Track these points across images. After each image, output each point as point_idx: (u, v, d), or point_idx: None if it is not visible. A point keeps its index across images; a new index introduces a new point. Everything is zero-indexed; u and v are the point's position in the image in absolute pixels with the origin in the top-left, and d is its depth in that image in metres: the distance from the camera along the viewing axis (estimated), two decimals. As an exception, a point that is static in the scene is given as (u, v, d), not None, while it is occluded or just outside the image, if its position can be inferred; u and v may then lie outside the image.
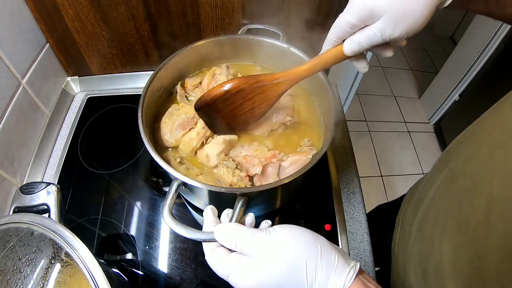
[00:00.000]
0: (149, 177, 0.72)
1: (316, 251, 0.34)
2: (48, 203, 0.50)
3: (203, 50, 0.66)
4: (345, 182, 0.73)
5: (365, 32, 0.39)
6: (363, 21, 0.38)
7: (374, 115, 2.27)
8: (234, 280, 0.35)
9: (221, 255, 0.37)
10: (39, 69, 0.75)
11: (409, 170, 2.01)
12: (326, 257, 0.34)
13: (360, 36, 0.39)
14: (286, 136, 0.63)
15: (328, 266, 0.33)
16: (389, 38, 0.38)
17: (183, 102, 0.64)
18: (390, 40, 0.38)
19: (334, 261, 0.34)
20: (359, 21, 0.38)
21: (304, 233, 0.36)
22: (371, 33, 0.38)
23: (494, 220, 0.33)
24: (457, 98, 1.92)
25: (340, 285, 0.32)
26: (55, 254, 0.39)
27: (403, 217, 0.62)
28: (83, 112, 0.84)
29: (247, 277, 0.35)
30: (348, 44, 0.41)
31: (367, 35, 0.39)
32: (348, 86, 1.58)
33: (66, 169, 0.73)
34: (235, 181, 0.53)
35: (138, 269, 0.60)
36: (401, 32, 0.37)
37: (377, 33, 0.38)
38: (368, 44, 0.39)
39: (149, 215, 0.67)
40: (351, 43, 0.41)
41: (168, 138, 0.59)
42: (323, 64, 0.45)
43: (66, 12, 0.72)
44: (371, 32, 0.38)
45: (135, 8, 0.74)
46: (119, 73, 0.90)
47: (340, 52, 0.42)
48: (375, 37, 0.38)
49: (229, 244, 0.37)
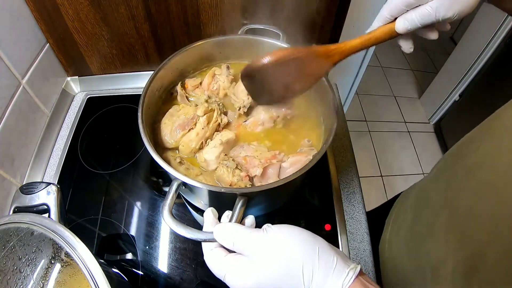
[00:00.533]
0: (149, 177, 0.72)
1: (313, 252, 0.34)
2: (48, 203, 0.50)
3: (203, 50, 0.66)
4: (345, 182, 0.73)
5: (420, 11, 0.40)
6: (417, 0, 0.40)
7: (374, 115, 2.27)
8: (231, 281, 0.35)
9: (219, 255, 0.37)
10: (39, 69, 0.75)
11: (409, 170, 2.01)
12: (324, 258, 0.33)
13: (414, 14, 0.40)
14: (286, 136, 0.63)
15: (326, 267, 0.33)
16: (442, 17, 0.39)
17: (184, 103, 0.64)
18: (442, 19, 0.40)
19: (333, 262, 0.33)
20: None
21: (303, 234, 0.36)
22: (425, 12, 0.39)
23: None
24: (457, 98, 1.92)
25: (339, 286, 0.32)
26: (55, 254, 0.39)
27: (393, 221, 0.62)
28: (83, 112, 0.84)
29: (244, 277, 0.34)
30: (402, 22, 0.42)
31: (422, 14, 0.40)
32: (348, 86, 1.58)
33: (66, 169, 0.73)
34: (235, 181, 0.53)
35: (138, 269, 0.60)
36: (454, 12, 0.38)
37: (431, 12, 0.39)
38: (421, 22, 0.40)
39: (149, 215, 0.67)
40: (404, 21, 0.42)
41: (168, 139, 0.59)
42: (374, 39, 0.46)
43: (66, 12, 0.72)
44: (426, 11, 0.39)
45: (135, 8, 0.74)
46: (119, 73, 0.90)
47: (391, 29, 0.43)
48: (429, 16, 0.40)
49: (227, 243, 0.37)
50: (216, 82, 0.67)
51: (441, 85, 2.09)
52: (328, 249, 0.34)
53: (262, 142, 0.61)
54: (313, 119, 0.65)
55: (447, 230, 0.44)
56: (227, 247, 0.38)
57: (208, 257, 0.38)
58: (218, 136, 0.59)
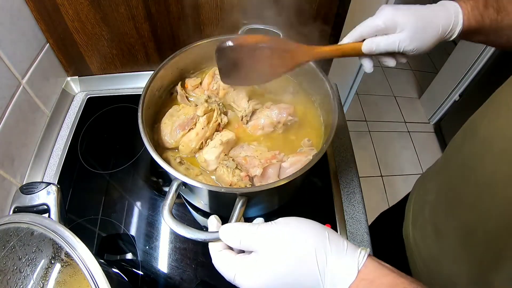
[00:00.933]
0: (149, 177, 0.72)
1: (324, 237, 0.34)
2: (48, 203, 0.50)
3: (203, 50, 0.66)
4: (345, 182, 0.73)
5: (387, 38, 0.46)
6: (388, 29, 0.46)
7: (374, 115, 2.26)
8: (241, 281, 0.34)
9: (227, 256, 0.37)
10: (39, 69, 0.75)
11: (409, 170, 2.01)
12: (334, 242, 0.33)
13: (381, 39, 0.47)
14: (285, 136, 0.63)
15: (337, 250, 0.33)
16: (403, 49, 0.46)
17: (184, 103, 0.64)
18: (402, 51, 0.46)
19: (343, 245, 0.33)
20: (385, 27, 0.46)
21: (310, 222, 0.36)
22: (391, 40, 0.46)
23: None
24: (457, 98, 1.92)
25: (354, 264, 0.32)
26: (55, 254, 0.39)
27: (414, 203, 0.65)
28: (83, 112, 0.84)
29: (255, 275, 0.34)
30: (369, 43, 0.47)
31: (388, 41, 0.46)
32: (348, 86, 1.58)
33: (66, 169, 0.73)
34: (235, 181, 0.53)
35: (138, 269, 0.60)
36: (414, 48, 0.46)
37: (396, 41, 0.46)
38: (385, 48, 0.47)
39: (149, 215, 0.67)
40: (371, 43, 0.47)
41: (168, 139, 0.59)
42: (341, 52, 0.51)
43: (66, 12, 0.72)
44: (392, 40, 0.46)
45: (135, 8, 0.74)
46: (119, 73, 0.90)
47: (358, 47, 0.49)
48: (393, 44, 0.46)
49: (234, 242, 0.37)
50: (216, 82, 0.67)
51: (441, 85, 2.08)
52: (337, 235, 0.35)
53: (262, 143, 0.61)
54: (313, 119, 0.65)
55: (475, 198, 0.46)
56: (234, 246, 0.37)
57: (216, 259, 0.38)
58: (218, 136, 0.59)
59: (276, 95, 0.67)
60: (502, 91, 0.46)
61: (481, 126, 0.47)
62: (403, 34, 0.45)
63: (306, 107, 0.66)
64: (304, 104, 0.67)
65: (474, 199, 0.46)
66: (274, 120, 0.61)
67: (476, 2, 0.46)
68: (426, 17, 0.46)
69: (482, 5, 0.46)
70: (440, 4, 0.47)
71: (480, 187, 0.45)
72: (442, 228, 0.54)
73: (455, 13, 0.46)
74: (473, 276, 0.47)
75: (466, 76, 1.82)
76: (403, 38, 0.45)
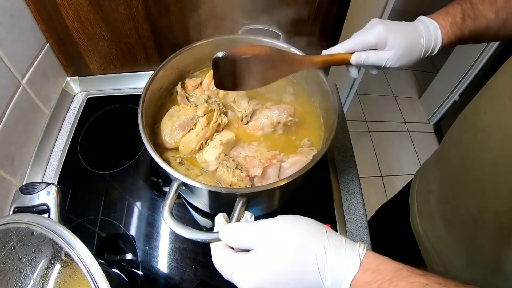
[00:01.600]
0: (149, 177, 0.72)
1: (322, 233, 0.34)
2: (48, 203, 0.49)
3: (203, 50, 0.66)
4: (345, 182, 0.73)
5: (377, 54, 0.51)
6: (378, 46, 0.50)
7: (374, 115, 2.26)
8: (238, 279, 0.34)
9: (226, 255, 0.37)
10: (39, 69, 0.75)
11: (409, 170, 2.01)
12: (333, 238, 0.34)
13: (371, 54, 0.51)
14: (286, 137, 0.63)
15: (336, 245, 0.33)
16: (389, 65, 0.51)
17: (184, 103, 0.64)
18: (388, 66, 0.51)
19: (341, 241, 0.34)
20: (375, 44, 0.50)
21: (308, 220, 0.36)
22: (380, 56, 0.50)
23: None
24: (457, 98, 1.92)
25: (355, 256, 0.32)
26: (55, 254, 0.39)
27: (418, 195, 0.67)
28: (83, 112, 0.84)
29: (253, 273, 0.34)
30: (357, 56, 0.51)
31: (377, 57, 0.51)
32: (348, 86, 1.58)
33: (66, 169, 0.73)
34: (235, 181, 0.53)
35: (138, 269, 0.60)
36: (400, 64, 0.51)
37: (384, 58, 0.50)
38: (372, 62, 0.51)
39: (149, 215, 0.67)
40: (360, 56, 0.51)
41: (168, 140, 0.59)
42: (331, 62, 0.54)
43: (66, 13, 0.72)
44: (381, 56, 0.50)
45: (135, 8, 0.74)
46: (119, 73, 0.90)
47: (347, 58, 0.53)
48: (381, 60, 0.51)
49: (233, 241, 0.37)
50: (216, 82, 0.67)
51: (441, 85, 2.08)
52: (334, 232, 0.35)
53: (262, 143, 0.61)
54: (313, 119, 0.65)
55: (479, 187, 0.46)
56: (234, 246, 0.38)
57: (215, 258, 0.38)
58: (218, 137, 0.59)
59: (276, 96, 0.67)
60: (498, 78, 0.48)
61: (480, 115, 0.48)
62: (391, 52, 0.50)
63: (306, 108, 0.66)
64: (304, 104, 0.67)
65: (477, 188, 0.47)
66: (274, 121, 0.61)
67: (454, 18, 0.50)
68: (413, 38, 0.50)
69: (460, 19, 0.50)
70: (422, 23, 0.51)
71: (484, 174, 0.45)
72: (450, 216, 0.54)
73: (435, 33, 0.50)
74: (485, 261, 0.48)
75: (466, 76, 1.82)
76: (391, 56, 0.50)
